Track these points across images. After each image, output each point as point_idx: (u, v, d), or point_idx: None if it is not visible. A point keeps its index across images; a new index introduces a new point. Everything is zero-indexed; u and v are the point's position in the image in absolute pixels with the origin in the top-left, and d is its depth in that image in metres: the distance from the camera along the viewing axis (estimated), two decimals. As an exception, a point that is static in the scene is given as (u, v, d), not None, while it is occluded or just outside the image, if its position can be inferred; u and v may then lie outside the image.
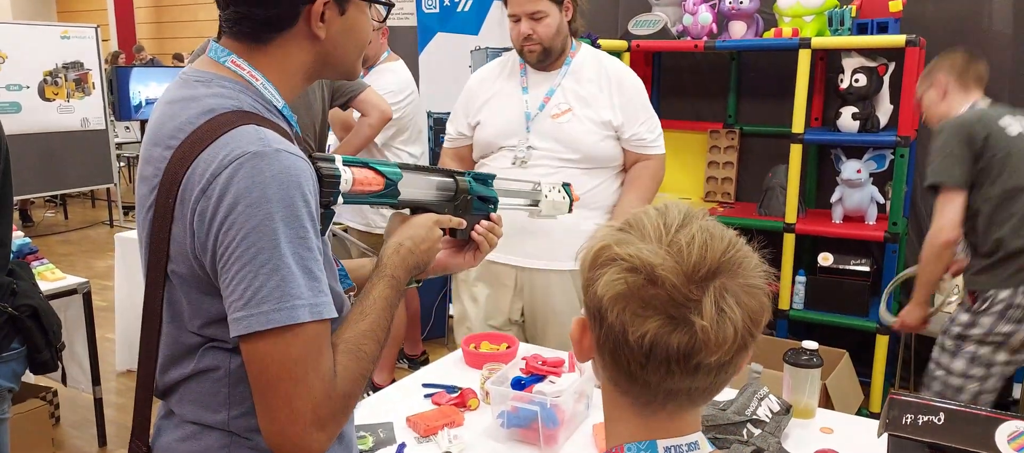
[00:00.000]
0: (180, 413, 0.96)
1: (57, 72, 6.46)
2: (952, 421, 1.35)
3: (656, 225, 0.69)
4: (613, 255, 0.68)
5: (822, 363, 1.84)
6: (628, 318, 0.66)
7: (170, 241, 0.88)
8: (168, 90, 0.96)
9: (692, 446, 0.71)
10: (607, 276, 0.67)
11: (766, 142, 3.65)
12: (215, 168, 0.84)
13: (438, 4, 4.12)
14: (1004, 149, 2.11)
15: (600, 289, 0.67)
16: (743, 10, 3.30)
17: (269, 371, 0.84)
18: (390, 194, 1.05)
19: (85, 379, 3.04)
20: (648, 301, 0.66)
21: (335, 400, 0.87)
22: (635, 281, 0.66)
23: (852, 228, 3.19)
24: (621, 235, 0.69)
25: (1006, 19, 3.20)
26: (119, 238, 3.67)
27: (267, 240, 0.82)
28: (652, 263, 0.66)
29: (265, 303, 0.82)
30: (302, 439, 0.85)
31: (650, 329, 0.65)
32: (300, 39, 0.94)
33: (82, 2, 12.52)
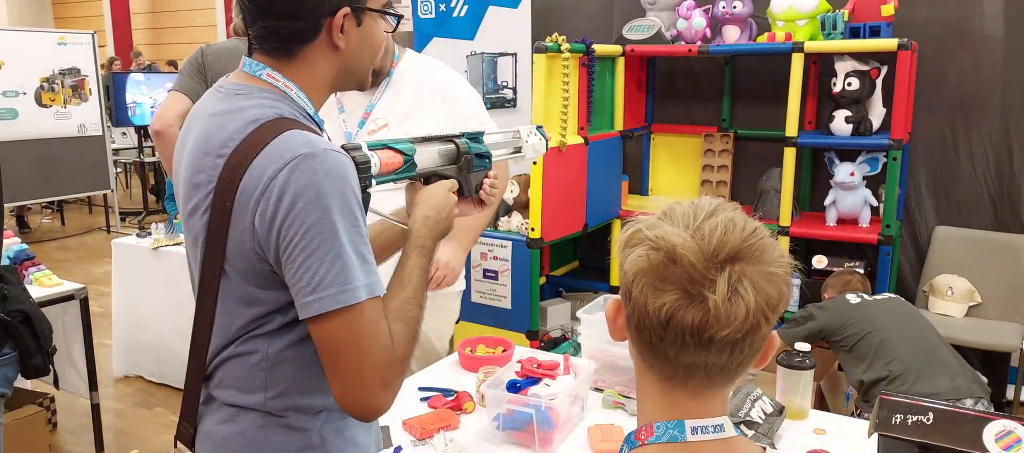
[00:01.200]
0: (219, 397, 1.05)
1: (54, 78, 6.46)
2: (941, 421, 1.37)
3: (686, 212, 0.75)
4: (642, 236, 0.74)
5: (815, 365, 1.85)
6: (648, 292, 0.72)
7: (227, 239, 0.97)
8: (207, 103, 1.05)
9: (717, 428, 0.76)
10: (634, 254, 0.74)
11: (760, 145, 3.68)
12: (272, 172, 0.93)
13: (434, 10, 4.13)
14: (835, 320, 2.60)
15: (627, 265, 0.74)
16: (737, 15, 3.32)
17: (339, 345, 0.95)
18: (409, 168, 1.15)
19: (82, 385, 3.04)
20: (666, 276, 0.71)
21: (395, 363, 0.98)
22: (656, 258, 0.72)
23: (846, 230, 3.21)
24: (653, 221, 0.76)
25: (997, 23, 3.23)
26: (116, 244, 3.67)
27: (328, 232, 0.93)
28: (673, 243, 0.71)
29: (332, 287, 0.93)
30: (372, 399, 0.97)
31: (667, 302, 0.71)
32: (323, 50, 1.03)
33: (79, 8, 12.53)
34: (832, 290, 2.86)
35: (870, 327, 2.46)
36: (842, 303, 2.63)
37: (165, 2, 11.77)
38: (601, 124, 3.51)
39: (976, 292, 3.26)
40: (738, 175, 3.78)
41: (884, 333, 2.43)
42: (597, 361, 1.82)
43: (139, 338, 3.64)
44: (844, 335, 2.50)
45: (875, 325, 2.47)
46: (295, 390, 1.03)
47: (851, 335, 2.48)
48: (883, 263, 3.11)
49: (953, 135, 3.36)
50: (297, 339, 1.02)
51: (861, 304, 2.60)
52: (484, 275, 3.33)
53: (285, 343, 1.02)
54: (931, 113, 3.36)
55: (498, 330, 3.18)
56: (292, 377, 1.03)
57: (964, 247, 3.32)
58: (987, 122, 3.30)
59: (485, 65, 4.06)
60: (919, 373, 2.31)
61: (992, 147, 3.30)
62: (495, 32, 4.00)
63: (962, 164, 3.36)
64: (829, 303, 2.67)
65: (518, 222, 3.33)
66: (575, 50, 3.14)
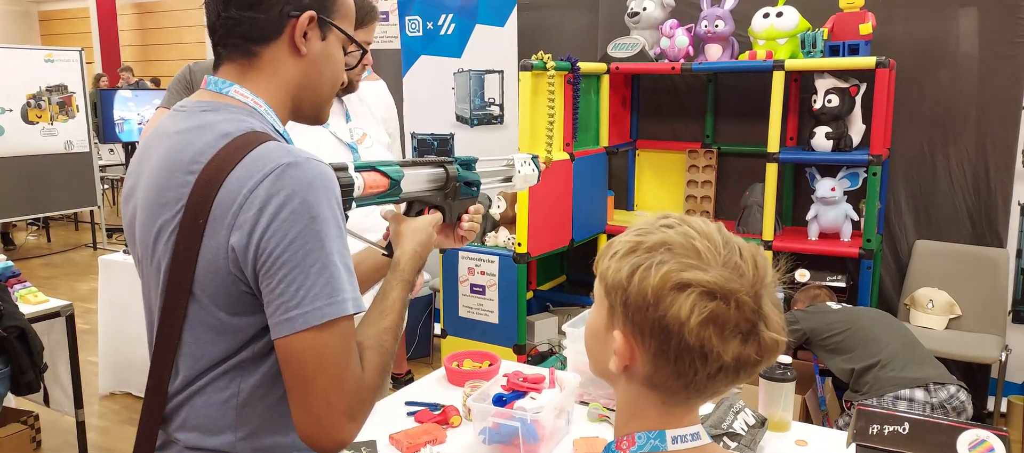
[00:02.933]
0: (183, 440, 0.98)
1: (41, 95, 6.45)
2: (916, 430, 1.40)
3: (706, 247, 0.74)
4: (684, 281, 0.72)
5: (796, 377, 1.88)
6: (712, 339, 0.71)
7: (197, 261, 0.91)
8: (169, 122, 1.00)
9: (695, 436, 0.78)
10: (686, 302, 0.72)
11: (743, 161, 3.73)
12: (252, 183, 0.88)
13: (421, 28, 4.18)
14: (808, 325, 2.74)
15: (682, 315, 0.71)
16: (719, 33, 3.38)
17: (308, 367, 0.89)
18: (393, 192, 1.12)
19: (68, 402, 3.03)
20: (732, 323, 0.72)
21: (364, 391, 0.93)
22: (717, 307, 0.71)
23: (827, 245, 3.26)
24: (678, 260, 0.73)
25: (972, 41, 3.30)
26: (103, 261, 3.66)
27: (315, 242, 0.88)
28: (732, 289, 0.72)
29: (318, 300, 0.88)
30: (336, 429, 0.90)
31: (732, 348, 0.72)
32: (286, 52, 1.00)
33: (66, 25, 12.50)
34: (800, 304, 2.95)
35: (853, 325, 2.59)
36: (823, 308, 2.73)
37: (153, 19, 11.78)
38: (586, 140, 3.55)
39: (956, 305, 3.31)
40: (721, 190, 3.83)
41: (868, 329, 2.56)
42: (583, 374, 1.84)
43: (125, 355, 3.63)
44: (829, 335, 2.59)
45: (858, 324, 2.59)
46: (266, 429, 0.97)
47: (836, 334, 2.58)
48: (864, 277, 3.15)
49: (931, 150, 3.43)
50: (272, 372, 0.96)
51: (842, 309, 2.71)
52: (471, 290, 3.35)
53: (259, 377, 0.96)
54: (909, 129, 3.43)
55: (485, 344, 3.20)
56: (264, 414, 0.97)
57: (944, 261, 3.37)
58: (964, 138, 3.37)
59: (472, 82, 4.10)
60: (907, 360, 2.44)
61: (969, 162, 3.37)
62: (482, 50, 4.04)
63: (940, 179, 3.43)
64: (810, 309, 2.76)
65: (505, 237, 3.36)
66: (560, 68, 3.18)
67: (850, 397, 2.53)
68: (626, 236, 0.79)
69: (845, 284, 3.30)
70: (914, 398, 2.39)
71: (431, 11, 4.14)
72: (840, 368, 2.57)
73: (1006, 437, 1.35)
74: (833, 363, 2.62)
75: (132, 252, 1.05)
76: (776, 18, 3.22)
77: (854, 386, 2.50)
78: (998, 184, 3.32)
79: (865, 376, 2.46)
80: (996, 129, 3.30)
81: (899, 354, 2.47)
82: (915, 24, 3.36)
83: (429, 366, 3.99)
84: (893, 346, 2.50)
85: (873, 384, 2.43)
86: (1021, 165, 3.30)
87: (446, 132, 4.22)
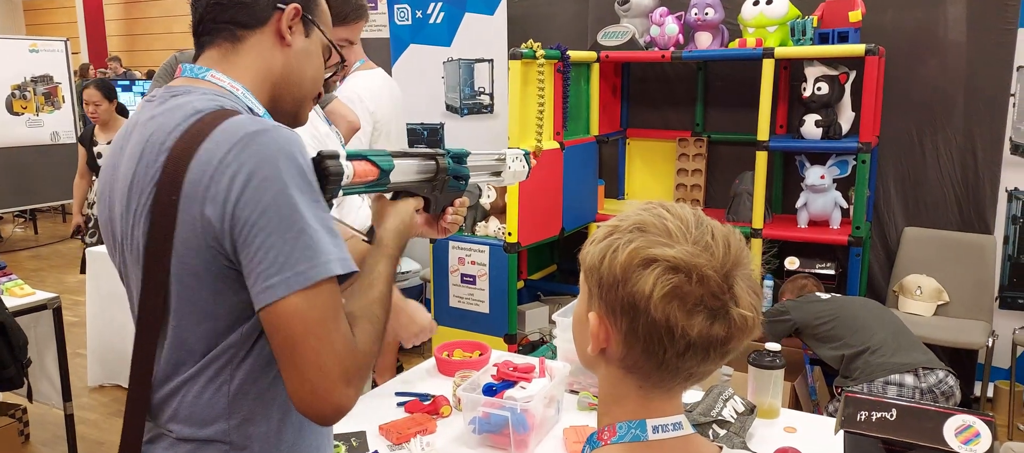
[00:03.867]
0: (175, 431, 0.96)
1: (25, 86, 6.39)
2: (904, 416, 1.41)
3: (677, 226, 0.74)
4: (650, 256, 0.72)
5: (785, 364, 1.89)
6: (677, 314, 0.71)
7: (173, 239, 0.90)
8: (144, 110, 1.00)
9: (677, 426, 0.77)
10: (651, 277, 0.72)
11: (733, 149, 3.73)
12: (221, 153, 0.88)
13: (410, 16, 4.15)
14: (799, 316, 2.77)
15: (646, 289, 0.72)
16: (709, 21, 3.38)
17: (296, 333, 0.87)
18: (382, 183, 1.12)
19: (56, 395, 3.01)
20: (696, 298, 0.71)
21: (357, 355, 0.92)
22: (681, 280, 0.71)
23: (817, 232, 3.27)
24: (647, 237, 0.74)
25: (960, 29, 3.31)
26: (91, 252, 3.64)
27: (288, 207, 0.87)
28: (696, 263, 0.71)
29: (299, 264, 0.86)
30: (332, 394, 0.89)
31: (696, 323, 0.72)
32: (270, 41, 1.02)
33: (52, 15, 12.36)
34: (789, 295, 2.97)
35: (842, 313, 2.62)
36: (813, 298, 2.75)
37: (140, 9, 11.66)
38: (577, 129, 3.55)
39: (944, 291, 3.34)
40: (712, 179, 3.84)
41: (857, 317, 2.60)
42: (573, 363, 1.85)
43: (114, 347, 3.61)
44: (819, 324, 2.62)
45: (847, 312, 2.62)
46: (260, 414, 0.96)
47: (826, 323, 2.61)
48: (854, 264, 3.17)
49: (920, 138, 3.44)
50: (263, 358, 0.95)
51: (831, 299, 2.73)
52: (462, 280, 3.35)
53: (250, 363, 0.95)
54: (898, 117, 3.44)
55: (476, 334, 3.20)
56: (257, 399, 0.96)
57: (932, 247, 3.40)
58: (952, 125, 3.38)
59: (462, 71, 4.09)
60: (896, 346, 2.48)
61: (957, 149, 3.38)
62: (471, 38, 4.02)
63: (929, 166, 3.44)
64: (800, 299, 2.78)
65: (495, 227, 3.35)
66: (550, 56, 3.17)
67: (840, 383, 2.55)
68: (608, 222, 0.80)
69: (834, 271, 3.32)
70: (904, 383, 2.41)
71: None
72: (830, 355, 2.60)
73: (992, 422, 1.36)
74: (823, 351, 2.64)
75: (110, 250, 1.03)
76: (766, 6, 3.22)
77: (844, 372, 2.53)
78: (986, 171, 3.34)
79: (855, 362, 2.49)
80: (984, 116, 3.32)
81: (888, 340, 2.50)
82: (904, 11, 3.37)
83: (419, 356, 3.98)
84: (882, 333, 2.53)
85: (863, 369, 2.46)
86: (1009, 152, 3.32)
87: (436, 122, 4.21)
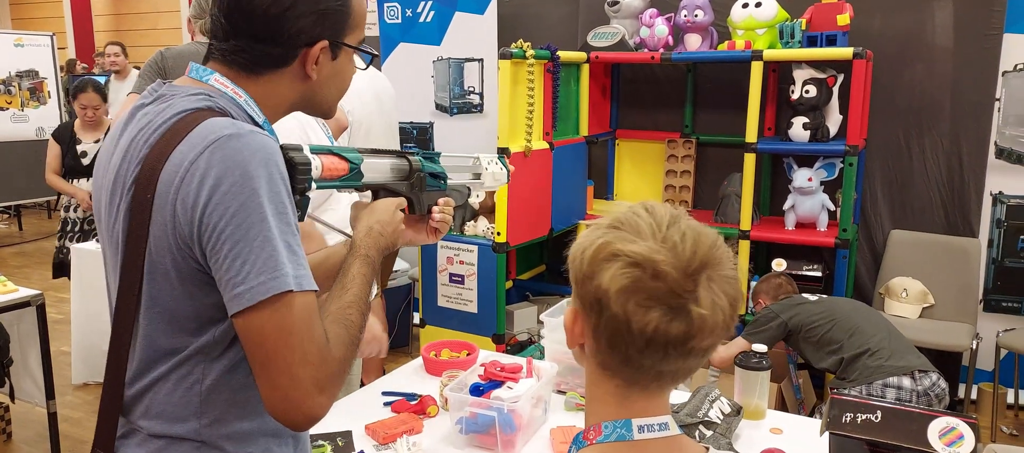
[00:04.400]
0: (146, 427, 0.96)
1: (10, 80, 6.32)
2: (888, 418, 1.42)
3: (649, 224, 0.75)
4: (615, 251, 0.73)
5: (772, 366, 1.90)
6: (632, 309, 0.72)
7: (148, 238, 0.90)
8: (138, 104, 0.99)
9: (663, 426, 0.78)
10: (611, 271, 0.73)
11: (721, 151, 3.75)
12: (193, 155, 0.87)
13: (400, 15, 4.14)
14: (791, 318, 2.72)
15: (605, 283, 0.73)
16: (698, 23, 3.39)
17: (268, 341, 0.87)
18: (354, 177, 1.11)
19: (39, 393, 2.98)
20: (651, 293, 0.72)
21: (331, 363, 0.91)
22: (639, 275, 0.72)
23: (804, 234, 3.29)
24: (617, 233, 0.75)
25: (947, 33, 3.34)
26: (76, 249, 3.61)
27: (256, 215, 0.86)
28: (655, 259, 0.72)
29: (262, 274, 0.86)
30: (304, 402, 0.89)
31: (652, 319, 0.72)
32: (291, 77, 1.00)
33: (38, 9, 12.24)
34: (765, 296, 2.95)
35: (835, 317, 2.61)
36: (801, 300, 2.74)
37: (128, 4, 11.57)
38: (566, 130, 3.55)
39: (929, 294, 3.36)
40: (700, 180, 3.85)
41: (851, 319, 2.59)
42: (560, 364, 1.85)
43: (99, 345, 3.58)
44: (811, 328, 2.61)
45: (839, 315, 2.61)
46: (233, 414, 0.96)
47: (818, 327, 2.60)
48: (840, 266, 3.19)
49: (907, 141, 3.47)
50: (237, 358, 0.94)
51: (820, 300, 2.72)
52: (450, 279, 3.34)
53: (224, 362, 0.94)
54: (886, 120, 3.46)
55: (464, 334, 3.19)
56: (229, 400, 0.95)
57: (918, 250, 3.42)
58: (938, 129, 3.41)
59: (452, 70, 4.08)
60: (892, 349, 2.49)
61: (944, 153, 3.41)
62: (461, 37, 4.02)
63: (915, 169, 3.47)
64: (789, 302, 2.76)
65: (484, 226, 3.35)
66: (540, 56, 3.17)
67: (836, 386, 2.55)
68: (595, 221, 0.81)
69: (821, 273, 3.34)
70: (902, 385, 2.43)
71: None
72: (826, 359, 2.58)
73: (975, 425, 1.37)
74: (815, 355, 2.63)
75: (101, 237, 1.03)
76: (755, 8, 3.23)
77: (841, 374, 2.53)
78: (971, 175, 3.37)
79: (854, 365, 2.49)
80: (970, 121, 3.35)
81: (885, 343, 2.51)
82: (892, 16, 3.39)
83: (407, 356, 3.97)
84: (879, 335, 2.54)
85: (862, 372, 2.47)
86: (994, 156, 3.35)
87: (425, 121, 4.20)
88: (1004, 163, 3.34)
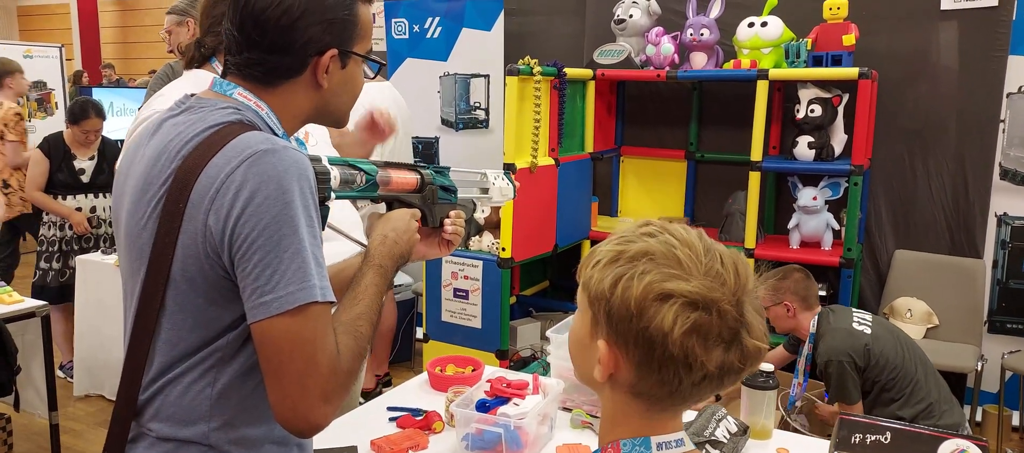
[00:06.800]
0: (156, 430, 0.98)
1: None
2: (898, 440, 1.41)
3: (688, 256, 0.74)
4: (665, 291, 0.72)
5: (778, 385, 1.89)
6: (695, 349, 0.72)
7: (177, 245, 0.93)
8: (169, 112, 1.02)
9: (679, 442, 0.78)
10: (669, 313, 0.72)
11: (726, 169, 3.75)
12: (229, 168, 0.90)
13: (408, 30, 4.17)
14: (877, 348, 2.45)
15: (664, 325, 0.72)
16: (704, 42, 3.40)
17: (285, 349, 0.90)
18: (370, 187, 1.13)
19: (41, 405, 2.97)
20: (714, 332, 0.72)
21: (339, 375, 0.94)
22: (700, 317, 0.71)
23: (809, 253, 3.28)
24: (660, 269, 0.73)
25: (952, 55, 3.35)
26: (80, 261, 3.61)
27: (289, 227, 0.89)
28: (713, 298, 0.72)
29: (291, 284, 0.89)
30: (311, 412, 0.91)
31: (715, 357, 0.72)
32: (305, 87, 1.02)
33: (46, 21, 12.33)
34: (791, 296, 2.63)
35: (896, 362, 2.39)
36: (857, 340, 2.43)
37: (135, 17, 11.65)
38: (572, 146, 3.56)
39: (933, 314, 3.35)
40: (704, 198, 3.85)
41: (907, 370, 2.39)
42: (566, 380, 1.84)
43: (101, 357, 3.57)
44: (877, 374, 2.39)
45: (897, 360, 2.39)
46: (241, 420, 0.98)
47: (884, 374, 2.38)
48: (845, 285, 3.18)
49: (911, 161, 3.47)
50: (248, 363, 0.97)
51: (873, 336, 2.45)
52: (454, 295, 3.34)
53: (235, 367, 0.96)
54: (891, 140, 3.47)
55: (468, 349, 3.19)
56: (238, 406, 0.97)
57: (922, 270, 3.42)
58: (943, 149, 3.41)
59: (458, 86, 4.10)
60: (946, 403, 2.36)
61: (948, 173, 3.41)
62: (468, 54, 4.04)
63: (920, 190, 3.47)
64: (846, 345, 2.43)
65: (489, 242, 3.35)
66: (547, 73, 3.19)
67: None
68: (608, 245, 0.78)
69: (826, 292, 3.33)
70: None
71: (418, 14, 4.13)
72: (881, 409, 2.40)
73: (986, 447, 1.36)
74: (878, 408, 2.41)
75: (119, 249, 1.05)
76: (761, 28, 3.25)
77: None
78: (976, 195, 3.37)
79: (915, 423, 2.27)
80: (975, 141, 3.35)
81: (940, 398, 2.35)
82: (897, 36, 3.40)
83: (411, 371, 3.96)
84: (933, 388, 2.36)
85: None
86: (998, 177, 3.35)
87: (431, 135, 4.22)
88: (1009, 184, 3.34)
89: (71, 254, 3.76)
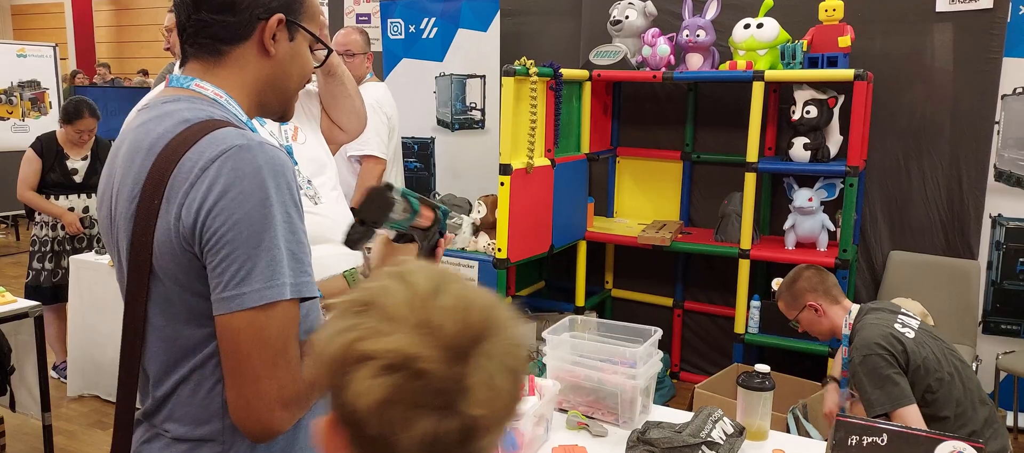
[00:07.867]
0: (171, 431, 0.98)
1: (12, 91, 6.33)
2: (895, 441, 1.41)
3: (404, 300, 0.60)
4: (363, 352, 0.58)
5: (775, 386, 1.89)
6: (397, 425, 0.58)
7: (154, 240, 0.92)
8: (136, 117, 1.03)
9: None
10: (362, 381, 0.58)
11: (722, 170, 3.76)
12: (203, 163, 0.90)
13: (404, 31, 4.16)
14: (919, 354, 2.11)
15: (353, 399, 0.58)
16: (700, 43, 3.40)
17: (241, 347, 0.89)
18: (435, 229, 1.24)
19: (34, 405, 2.96)
20: (414, 400, 0.58)
21: (299, 384, 0.92)
22: (395, 381, 0.57)
23: (804, 254, 3.28)
24: (365, 323, 0.60)
25: (947, 56, 3.36)
26: (74, 260, 3.59)
27: (262, 222, 0.89)
28: (409, 354, 0.57)
29: (257, 281, 0.88)
30: (264, 413, 0.90)
31: (422, 429, 0.58)
32: (254, 53, 1.02)
33: (40, 20, 12.28)
34: (818, 296, 2.34)
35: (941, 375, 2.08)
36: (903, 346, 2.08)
37: (129, 16, 11.62)
38: (568, 147, 3.56)
39: (929, 315, 3.35)
40: (700, 199, 3.86)
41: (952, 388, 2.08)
42: (562, 381, 1.84)
43: (96, 357, 3.56)
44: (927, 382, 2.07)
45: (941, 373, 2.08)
46: None
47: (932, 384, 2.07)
48: (841, 286, 3.18)
49: (906, 163, 3.48)
50: None
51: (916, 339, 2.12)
52: (450, 295, 3.33)
53: None
54: (886, 141, 3.47)
55: (464, 351, 3.18)
56: None
57: (917, 271, 3.42)
58: (938, 151, 3.42)
59: (454, 86, 4.09)
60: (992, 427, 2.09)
61: (943, 175, 3.42)
62: (464, 54, 4.03)
63: (915, 191, 3.48)
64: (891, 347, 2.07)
65: (485, 242, 3.35)
66: (543, 74, 3.19)
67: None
68: (350, 296, 0.65)
69: (821, 294, 3.33)
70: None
71: (413, 14, 4.13)
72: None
73: (982, 449, 1.36)
74: None
75: (110, 252, 1.05)
76: (757, 29, 3.25)
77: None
78: (970, 197, 3.38)
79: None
80: (969, 143, 3.36)
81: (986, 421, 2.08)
82: (893, 38, 3.41)
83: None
84: (980, 411, 2.07)
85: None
86: (993, 179, 3.36)
87: (427, 136, 4.21)
88: (1003, 186, 3.35)
89: (64, 254, 3.74)
